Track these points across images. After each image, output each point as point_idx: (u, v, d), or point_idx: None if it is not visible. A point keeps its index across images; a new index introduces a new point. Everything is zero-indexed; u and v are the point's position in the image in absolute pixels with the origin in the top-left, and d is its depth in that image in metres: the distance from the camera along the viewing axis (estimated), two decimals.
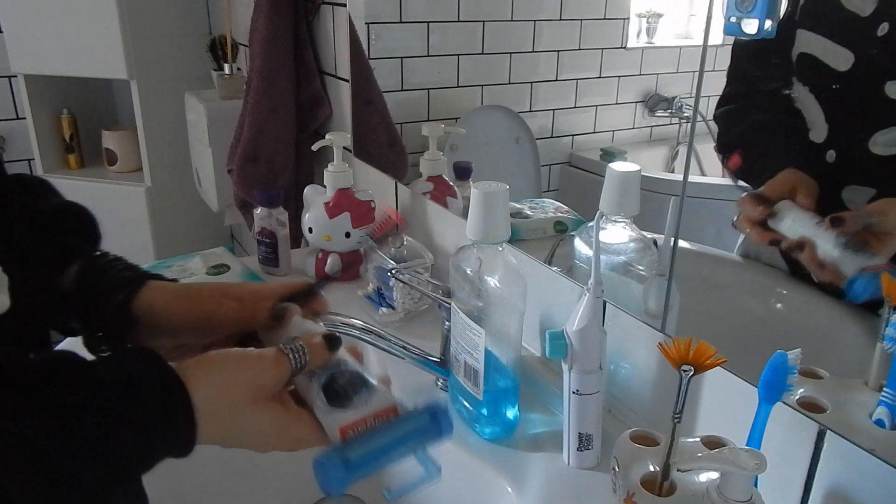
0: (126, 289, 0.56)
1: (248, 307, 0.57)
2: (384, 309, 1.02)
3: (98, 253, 0.59)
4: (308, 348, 0.49)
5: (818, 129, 0.70)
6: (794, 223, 0.66)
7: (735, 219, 0.74)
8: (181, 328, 0.56)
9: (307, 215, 1.14)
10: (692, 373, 0.54)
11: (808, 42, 0.69)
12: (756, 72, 0.77)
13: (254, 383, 0.47)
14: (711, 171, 0.94)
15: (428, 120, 1.26)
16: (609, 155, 1.10)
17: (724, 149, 0.80)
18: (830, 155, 0.69)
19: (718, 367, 0.66)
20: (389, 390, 0.52)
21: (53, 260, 0.56)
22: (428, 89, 1.27)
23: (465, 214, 0.77)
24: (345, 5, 1.34)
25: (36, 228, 0.57)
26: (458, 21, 1.23)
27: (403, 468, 0.51)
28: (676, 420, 0.55)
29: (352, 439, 0.49)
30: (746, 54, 0.75)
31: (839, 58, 0.66)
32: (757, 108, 0.78)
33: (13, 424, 0.37)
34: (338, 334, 0.52)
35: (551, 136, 1.17)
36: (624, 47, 1.09)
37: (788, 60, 0.71)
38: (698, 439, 0.60)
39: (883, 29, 0.63)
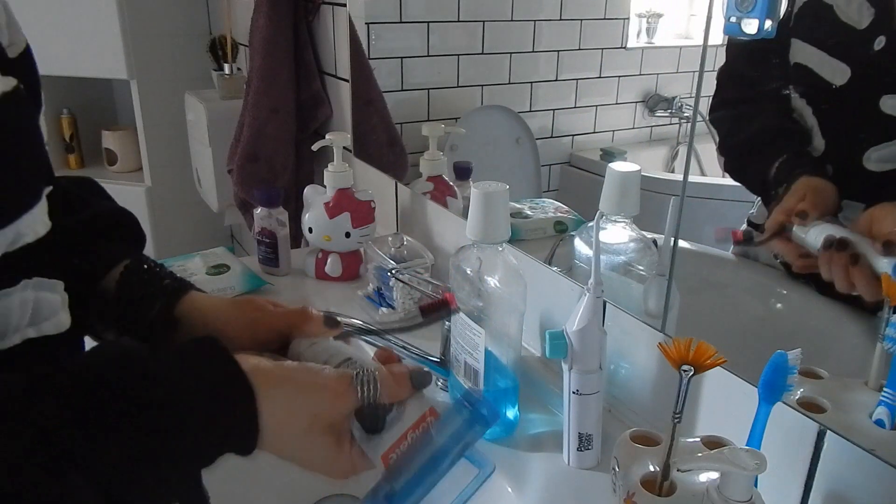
0: (170, 294, 0.56)
1: (299, 312, 0.56)
2: (384, 309, 1.02)
3: (140, 259, 0.59)
4: (383, 381, 0.47)
5: (816, 141, 0.70)
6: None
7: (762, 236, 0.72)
8: (224, 333, 0.55)
9: (307, 215, 1.14)
10: (692, 373, 0.54)
11: (804, 52, 0.67)
12: (753, 74, 0.76)
13: (313, 412, 0.45)
14: (711, 171, 0.94)
15: (428, 120, 1.26)
16: (609, 155, 1.10)
17: (729, 153, 0.79)
18: (829, 169, 0.68)
19: (719, 367, 0.66)
20: (422, 394, 0.50)
21: (97, 266, 0.56)
22: (428, 89, 1.27)
23: (465, 214, 0.77)
24: (345, 5, 1.34)
25: (80, 234, 0.56)
26: (458, 21, 1.23)
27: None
28: (676, 420, 0.55)
29: (395, 466, 0.47)
30: (743, 56, 0.74)
31: (835, 71, 0.65)
32: (760, 113, 0.77)
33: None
34: (426, 369, 0.49)
35: (551, 136, 1.17)
36: (624, 47, 1.09)
37: (786, 64, 0.70)
38: (698, 439, 0.60)
39: (880, 43, 0.61)
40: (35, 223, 0.39)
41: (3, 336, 0.41)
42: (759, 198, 0.78)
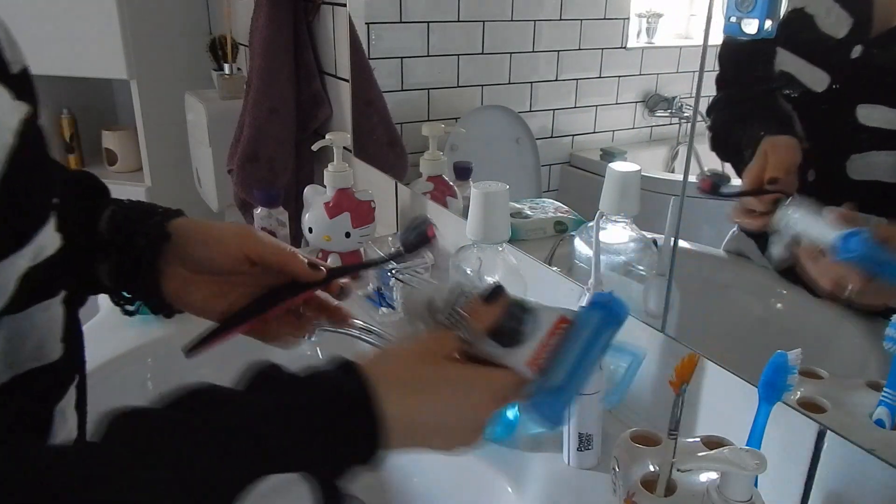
0: (161, 213, 0.55)
1: (289, 251, 0.56)
2: (384, 309, 1.02)
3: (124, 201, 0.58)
4: (465, 311, 0.46)
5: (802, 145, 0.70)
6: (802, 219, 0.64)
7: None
8: (216, 249, 0.55)
9: (307, 215, 1.14)
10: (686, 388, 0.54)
11: (787, 60, 0.68)
12: (743, 79, 0.76)
13: (421, 351, 0.45)
14: None
15: (428, 120, 1.26)
16: (609, 155, 1.10)
17: (715, 130, 0.79)
18: (811, 174, 0.69)
19: (718, 368, 0.66)
20: (551, 306, 0.49)
21: (85, 221, 0.55)
22: (428, 89, 1.27)
23: (465, 214, 0.77)
24: (345, 5, 1.34)
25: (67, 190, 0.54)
26: (458, 21, 1.23)
27: None
28: (673, 437, 0.55)
29: (545, 366, 0.46)
30: (733, 62, 0.74)
31: (815, 79, 0.66)
32: (750, 107, 0.77)
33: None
34: (499, 283, 0.49)
35: (551, 136, 1.17)
36: (624, 47, 1.09)
37: (772, 72, 0.70)
38: (698, 439, 0.60)
39: (856, 51, 0.63)
40: (52, 235, 0.40)
41: (42, 345, 0.42)
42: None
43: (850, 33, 0.63)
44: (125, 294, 0.56)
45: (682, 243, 0.72)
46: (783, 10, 0.64)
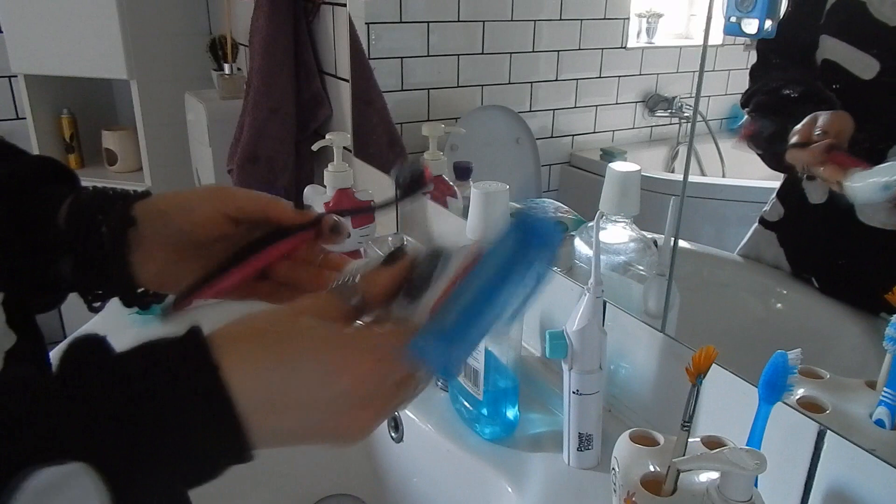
0: (126, 197, 0.50)
1: (270, 197, 0.50)
2: None
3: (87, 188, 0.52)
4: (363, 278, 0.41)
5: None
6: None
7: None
8: (186, 223, 0.49)
9: None
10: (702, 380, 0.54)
11: (833, 49, 0.68)
12: (783, 68, 0.75)
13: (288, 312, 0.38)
14: (711, 171, 0.94)
15: (428, 120, 1.26)
16: (609, 155, 1.10)
17: (755, 139, 0.76)
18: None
19: (719, 368, 0.66)
20: (458, 246, 0.42)
21: (45, 207, 0.49)
22: (428, 89, 1.27)
23: (465, 214, 0.77)
24: (345, 5, 1.34)
25: (18, 183, 0.49)
26: (458, 21, 1.23)
27: None
28: (686, 428, 0.55)
29: (440, 308, 0.39)
30: (772, 52, 0.74)
31: (864, 66, 0.65)
32: (791, 99, 0.75)
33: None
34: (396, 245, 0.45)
35: (551, 136, 1.17)
36: (624, 47, 1.09)
37: (812, 62, 0.70)
38: (698, 439, 0.60)
39: None
40: None
41: None
42: (773, 197, 0.78)
43: None
44: (96, 292, 0.50)
45: (682, 243, 0.72)
46: (830, 1, 0.65)
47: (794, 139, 0.68)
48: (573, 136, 1.16)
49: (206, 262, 0.50)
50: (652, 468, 0.58)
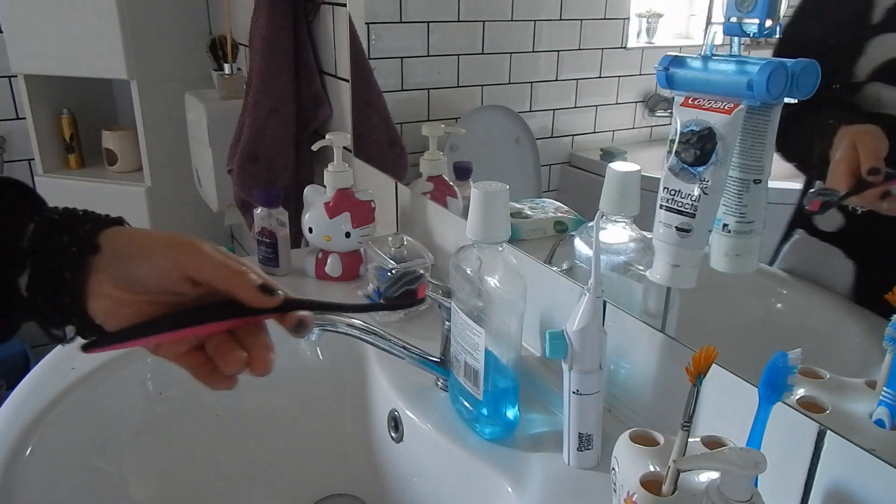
0: (94, 220, 0.49)
1: (236, 271, 0.48)
2: None
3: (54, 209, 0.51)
4: None
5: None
6: None
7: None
8: (146, 262, 0.48)
9: (307, 215, 1.14)
10: (703, 378, 0.54)
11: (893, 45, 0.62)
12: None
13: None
14: None
15: (428, 120, 1.26)
16: (609, 155, 1.10)
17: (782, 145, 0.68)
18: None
19: (719, 368, 0.66)
20: None
21: (8, 227, 0.48)
22: (428, 89, 1.27)
23: (465, 214, 0.77)
24: (345, 5, 1.34)
25: None
26: (458, 21, 1.23)
27: None
28: (686, 428, 0.55)
29: None
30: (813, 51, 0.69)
31: None
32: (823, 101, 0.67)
33: None
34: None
35: (551, 136, 1.17)
36: (624, 47, 1.09)
37: (853, 64, 0.65)
38: (698, 439, 0.60)
39: None
40: None
41: None
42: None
43: None
44: (51, 317, 0.48)
45: None
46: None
47: (836, 178, 0.62)
48: (573, 136, 1.16)
49: (152, 311, 0.48)
50: (652, 468, 0.58)
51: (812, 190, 0.65)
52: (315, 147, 1.16)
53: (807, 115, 0.68)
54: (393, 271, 0.51)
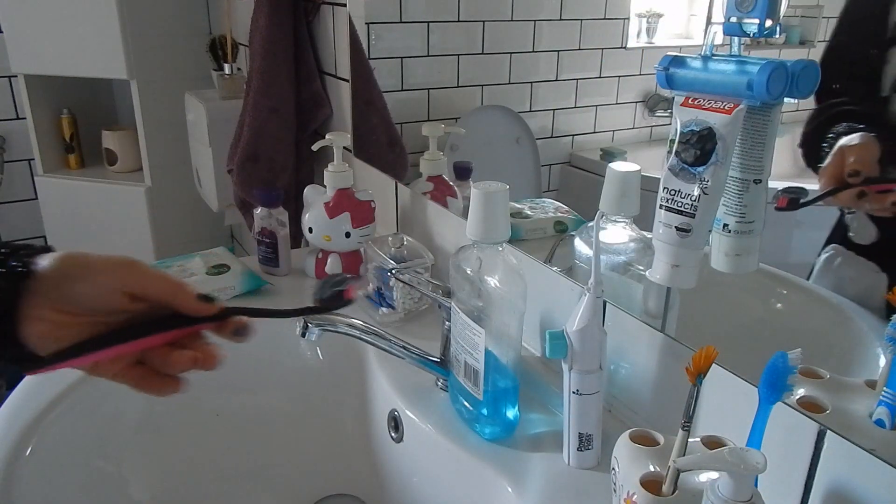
0: (29, 249, 0.50)
1: (175, 282, 0.51)
2: (384, 309, 1.02)
3: None
4: None
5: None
6: None
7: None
8: (83, 282, 0.49)
9: (307, 215, 1.14)
10: (703, 378, 0.54)
11: None
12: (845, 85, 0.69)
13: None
14: None
15: (428, 120, 1.26)
16: (609, 155, 1.10)
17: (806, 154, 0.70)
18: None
19: (719, 368, 0.66)
20: None
21: None
22: (428, 89, 1.27)
23: (465, 214, 0.77)
24: (345, 5, 1.34)
25: None
26: (458, 21, 1.23)
27: None
28: (686, 428, 0.55)
29: None
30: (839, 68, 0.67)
31: None
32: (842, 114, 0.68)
33: None
34: None
35: (551, 136, 1.17)
36: (624, 47, 1.09)
37: (880, 76, 0.64)
38: (698, 439, 0.60)
39: None
40: None
41: None
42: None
43: None
44: None
45: None
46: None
47: (821, 181, 0.63)
48: (573, 136, 1.16)
49: (91, 332, 0.49)
50: (652, 468, 0.58)
51: (782, 189, 0.66)
52: (315, 147, 1.16)
53: (825, 126, 0.67)
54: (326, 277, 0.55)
